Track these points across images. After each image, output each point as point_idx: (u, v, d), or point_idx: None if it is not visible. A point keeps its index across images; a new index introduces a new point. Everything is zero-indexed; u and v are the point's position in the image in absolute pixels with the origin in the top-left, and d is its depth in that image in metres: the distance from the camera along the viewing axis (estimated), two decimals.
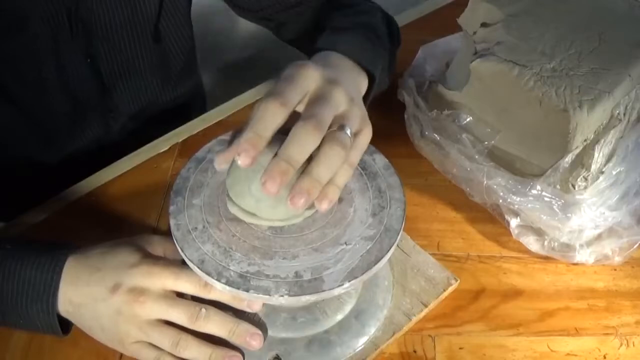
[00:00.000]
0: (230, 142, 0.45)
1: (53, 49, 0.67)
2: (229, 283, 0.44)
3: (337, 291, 0.44)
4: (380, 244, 0.46)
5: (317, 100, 0.44)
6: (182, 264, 0.49)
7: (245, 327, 0.50)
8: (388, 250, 0.46)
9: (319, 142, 0.42)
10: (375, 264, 0.45)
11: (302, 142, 0.41)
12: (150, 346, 0.50)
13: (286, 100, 0.43)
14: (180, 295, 0.51)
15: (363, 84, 0.59)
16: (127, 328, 0.49)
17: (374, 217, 0.48)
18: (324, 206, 0.43)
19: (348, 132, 0.44)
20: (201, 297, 0.50)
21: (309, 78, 0.45)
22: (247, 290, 0.44)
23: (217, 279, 0.44)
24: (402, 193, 0.50)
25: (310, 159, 0.43)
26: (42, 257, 0.51)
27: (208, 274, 0.45)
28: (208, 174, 0.52)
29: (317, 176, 0.42)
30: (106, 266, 0.51)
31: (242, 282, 0.44)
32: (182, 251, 0.46)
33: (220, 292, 0.48)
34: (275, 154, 0.42)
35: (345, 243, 0.46)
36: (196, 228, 0.48)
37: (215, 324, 0.49)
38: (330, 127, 0.43)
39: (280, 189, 0.41)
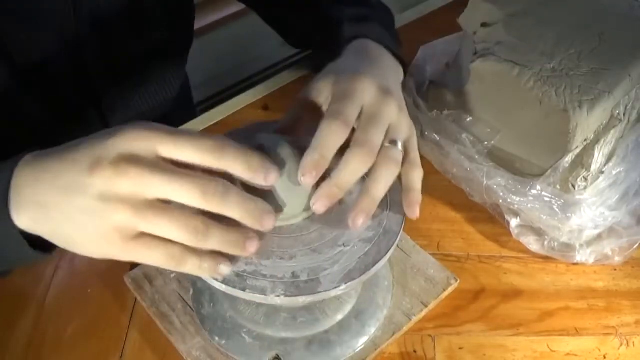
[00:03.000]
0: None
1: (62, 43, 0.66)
2: (225, 282, 0.44)
3: (333, 293, 0.44)
4: (378, 246, 0.46)
5: (371, 120, 0.44)
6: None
7: (262, 205, 0.40)
8: (386, 253, 0.46)
9: (370, 166, 0.43)
10: (373, 266, 0.45)
11: (356, 169, 0.43)
12: (156, 240, 0.38)
13: (347, 119, 0.43)
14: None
15: (401, 73, 0.59)
16: (117, 218, 0.36)
17: (373, 219, 0.48)
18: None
19: (399, 146, 0.45)
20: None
21: (365, 92, 0.45)
22: (244, 290, 0.43)
23: (214, 278, 0.44)
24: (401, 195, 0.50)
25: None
26: None
27: None
28: None
29: (375, 196, 0.44)
30: (79, 148, 0.38)
31: (238, 281, 0.44)
32: None
33: (233, 159, 0.39)
34: (323, 176, 0.43)
35: (344, 244, 0.46)
36: None
37: (235, 202, 0.38)
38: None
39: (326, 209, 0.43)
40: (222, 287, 0.44)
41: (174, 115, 0.82)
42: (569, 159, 0.59)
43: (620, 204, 0.61)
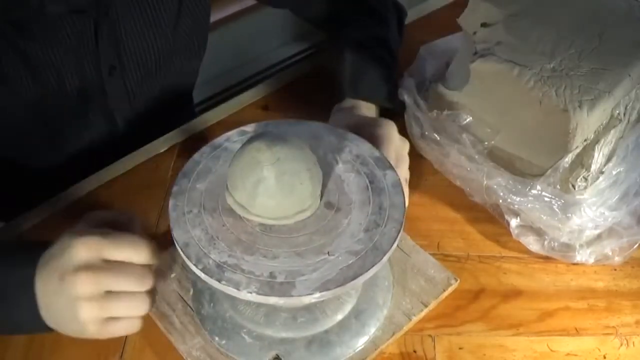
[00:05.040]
0: None
1: (78, 59, 0.68)
2: (205, 270, 0.44)
3: (306, 299, 0.43)
4: (363, 261, 0.45)
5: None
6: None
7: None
8: (369, 269, 0.45)
9: None
10: (353, 279, 0.44)
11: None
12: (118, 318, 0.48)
13: None
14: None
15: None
16: (87, 313, 0.46)
17: (366, 233, 0.47)
18: None
19: None
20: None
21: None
22: (219, 281, 0.43)
23: (195, 264, 0.44)
24: (402, 215, 0.48)
25: None
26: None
27: (188, 257, 0.45)
28: (219, 161, 0.52)
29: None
30: (52, 260, 0.48)
31: (217, 271, 0.44)
32: (172, 230, 0.47)
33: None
34: None
35: (328, 253, 0.45)
36: (191, 211, 0.48)
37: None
38: None
39: None
40: (202, 275, 0.44)
41: (173, 117, 0.82)
42: (569, 159, 0.59)
43: (620, 204, 0.60)
